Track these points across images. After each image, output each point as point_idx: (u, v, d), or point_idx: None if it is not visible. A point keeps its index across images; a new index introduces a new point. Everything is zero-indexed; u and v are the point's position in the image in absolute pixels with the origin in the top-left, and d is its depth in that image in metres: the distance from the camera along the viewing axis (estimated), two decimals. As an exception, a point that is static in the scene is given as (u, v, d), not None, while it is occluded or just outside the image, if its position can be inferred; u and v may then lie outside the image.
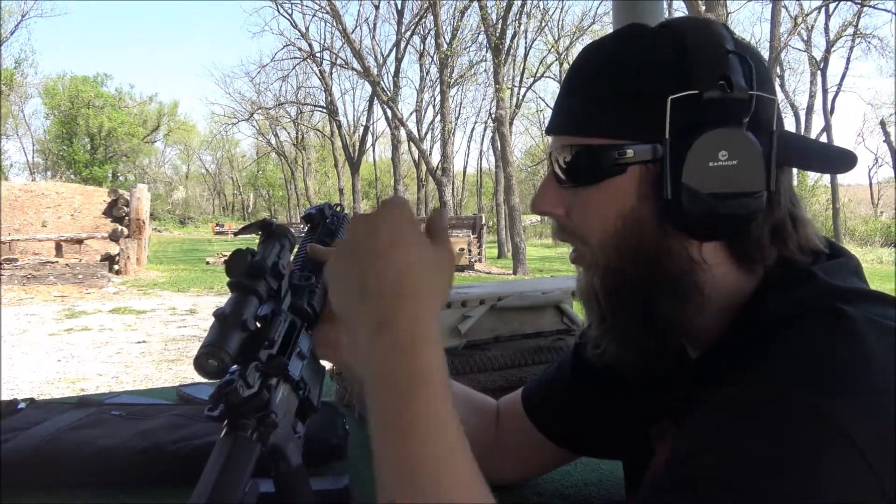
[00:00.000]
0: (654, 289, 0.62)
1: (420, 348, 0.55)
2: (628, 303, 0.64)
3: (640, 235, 0.62)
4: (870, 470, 0.47)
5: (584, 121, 0.64)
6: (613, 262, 0.64)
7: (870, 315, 0.54)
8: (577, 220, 0.66)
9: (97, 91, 43.10)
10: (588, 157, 0.63)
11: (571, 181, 0.65)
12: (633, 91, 0.62)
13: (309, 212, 0.82)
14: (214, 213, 61.47)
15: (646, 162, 0.61)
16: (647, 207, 0.62)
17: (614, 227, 0.63)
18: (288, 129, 40.42)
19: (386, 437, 0.51)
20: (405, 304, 0.55)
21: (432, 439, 0.51)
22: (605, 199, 0.63)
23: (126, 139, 42.76)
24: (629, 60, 0.63)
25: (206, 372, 0.57)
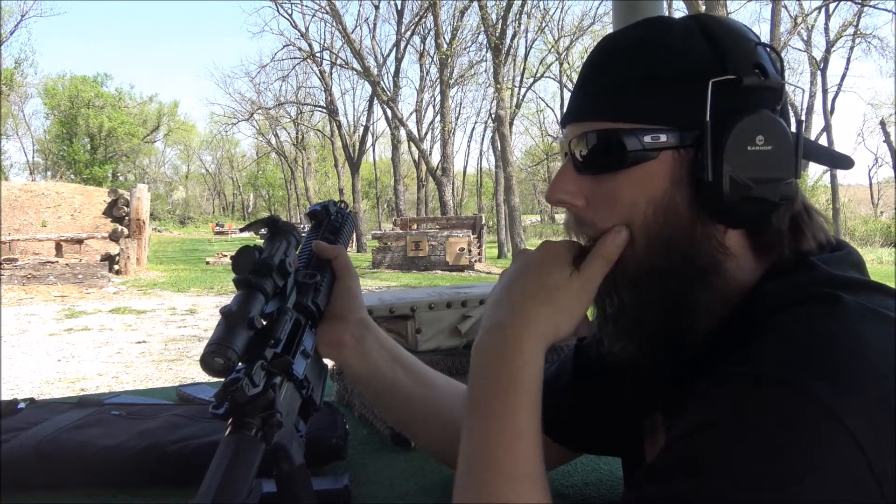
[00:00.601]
0: (682, 276, 0.61)
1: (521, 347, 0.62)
2: (654, 292, 0.62)
3: (673, 221, 0.61)
4: (863, 455, 0.47)
5: (613, 105, 0.62)
6: (641, 250, 0.61)
7: (868, 303, 0.54)
8: (601, 209, 0.63)
9: (97, 91, 43.09)
10: (617, 142, 0.61)
11: (596, 168, 0.63)
12: (666, 75, 0.61)
13: (313, 208, 0.82)
14: (214, 213, 61.48)
15: (679, 147, 0.60)
16: (680, 193, 0.61)
17: (644, 214, 0.61)
18: (288, 129, 40.41)
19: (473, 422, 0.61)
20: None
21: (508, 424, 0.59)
22: (634, 185, 0.61)
23: (126, 139, 42.75)
24: (661, 46, 0.62)
25: (212, 370, 0.57)
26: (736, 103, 0.60)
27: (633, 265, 0.62)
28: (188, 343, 7.68)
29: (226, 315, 0.60)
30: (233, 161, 58.45)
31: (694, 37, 0.62)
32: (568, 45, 27.28)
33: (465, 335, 1.27)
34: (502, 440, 0.59)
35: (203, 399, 1.31)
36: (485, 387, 0.62)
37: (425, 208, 35.06)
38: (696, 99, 0.60)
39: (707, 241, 0.61)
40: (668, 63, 0.61)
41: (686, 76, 0.61)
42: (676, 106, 0.61)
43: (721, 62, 0.61)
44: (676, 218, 0.61)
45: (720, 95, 0.60)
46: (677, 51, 0.62)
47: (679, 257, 0.61)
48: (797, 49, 30.16)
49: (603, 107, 0.63)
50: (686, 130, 0.60)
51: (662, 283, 0.61)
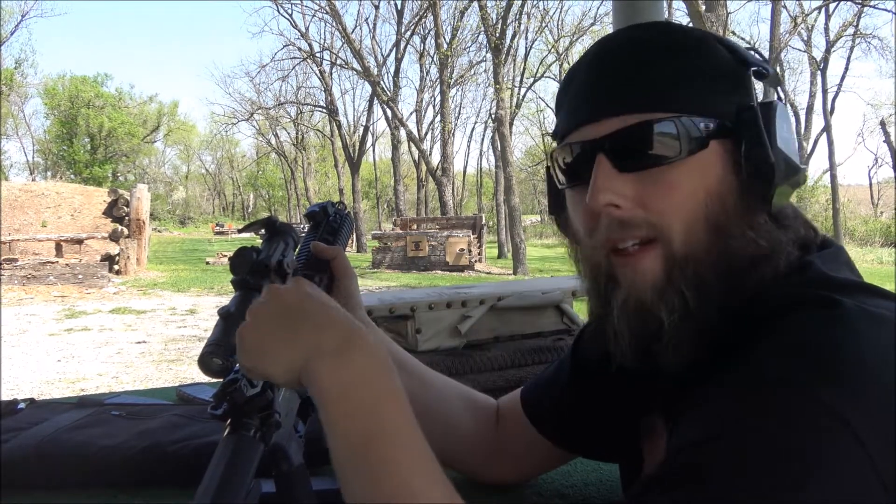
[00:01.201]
0: (742, 267, 0.60)
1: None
2: (717, 288, 0.59)
3: (730, 209, 0.60)
4: (868, 458, 0.47)
5: (659, 95, 0.61)
6: (701, 244, 0.59)
7: (866, 306, 0.54)
8: (656, 204, 0.60)
9: (97, 91, 43.08)
10: (672, 131, 0.60)
11: (651, 161, 0.60)
12: (706, 66, 0.62)
13: (312, 209, 0.82)
14: (214, 213, 61.45)
15: (724, 136, 0.61)
16: (733, 179, 0.61)
17: (704, 203, 0.60)
18: (288, 129, 40.40)
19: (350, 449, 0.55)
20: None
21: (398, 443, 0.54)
22: (693, 174, 0.60)
23: (126, 139, 42.75)
24: (689, 41, 0.64)
25: (210, 370, 0.57)
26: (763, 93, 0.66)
27: (695, 261, 0.59)
28: (188, 343, 7.67)
29: (224, 316, 0.60)
30: (233, 161, 58.44)
31: (710, 39, 0.65)
32: (568, 46, 27.27)
33: (465, 335, 1.27)
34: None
35: (203, 399, 1.31)
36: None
37: (425, 208, 35.05)
38: (732, 92, 0.62)
39: (757, 227, 0.61)
40: (706, 58, 0.63)
41: (721, 70, 0.63)
42: (717, 98, 0.62)
43: (742, 59, 0.64)
44: (732, 205, 0.60)
45: (752, 85, 0.64)
46: (709, 48, 0.64)
47: (740, 245, 0.60)
48: (797, 49, 30.18)
49: (647, 98, 0.61)
50: (726, 121, 0.62)
51: (726, 277, 0.59)
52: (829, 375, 0.49)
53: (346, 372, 0.56)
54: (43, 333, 8.37)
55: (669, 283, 0.60)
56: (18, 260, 13.13)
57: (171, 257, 20.91)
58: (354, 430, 0.55)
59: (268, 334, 0.58)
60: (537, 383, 0.90)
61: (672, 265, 0.60)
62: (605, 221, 0.62)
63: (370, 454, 0.54)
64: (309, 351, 0.57)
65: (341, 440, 0.55)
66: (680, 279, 0.60)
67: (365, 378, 0.57)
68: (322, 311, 0.60)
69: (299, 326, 0.58)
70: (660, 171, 0.60)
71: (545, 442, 0.87)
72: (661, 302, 0.60)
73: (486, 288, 1.36)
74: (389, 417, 0.55)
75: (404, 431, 0.55)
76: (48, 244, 14.81)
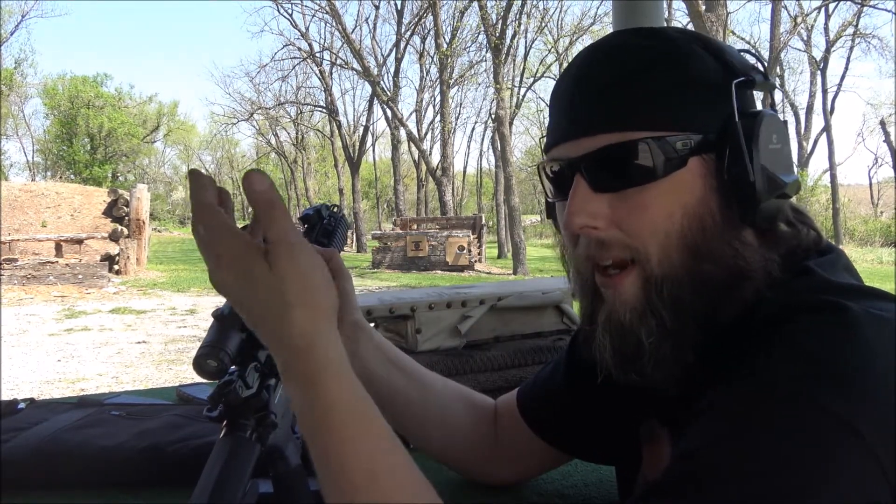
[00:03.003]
0: (724, 286, 0.59)
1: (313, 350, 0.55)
2: (695, 307, 0.59)
3: (709, 228, 0.59)
4: (878, 465, 0.46)
5: (636, 114, 0.59)
6: (678, 264, 0.59)
7: (871, 310, 0.54)
8: (631, 225, 0.59)
9: (97, 91, 43.06)
10: (650, 151, 0.58)
11: (624, 183, 0.59)
12: (686, 83, 0.60)
13: (306, 213, 0.82)
14: (214, 213, 61.32)
15: (706, 151, 0.59)
16: (713, 199, 0.59)
17: (680, 224, 0.58)
18: (288, 129, 40.39)
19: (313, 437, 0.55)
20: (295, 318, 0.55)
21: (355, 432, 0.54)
22: (668, 195, 0.59)
23: (126, 139, 42.72)
24: (674, 55, 0.61)
25: (205, 372, 0.57)
26: (749, 105, 0.62)
27: (671, 282, 0.59)
28: (188, 343, 7.67)
29: (218, 318, 0.60)
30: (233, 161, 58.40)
31: (696, 47, 0.62)
32: (568, 46, 27.26)
33: (465, 335, 1.27)
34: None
35: (203, 399, 1.31)
36: None
37: (425, 208, 35.04)
38: (717, 104, 0.60)
39: (739, 244, 0.60)
40: (687, 71, 0.61)
41: (703, 82, 0.60)
42: (699, 112, 0.60)
43: (729, 68, 0.61)
44: (712, 224, 0.59)
45: (738, 97, 0.60)
46: (691, 59, 0.61)
47: (717, 265, 0.59)
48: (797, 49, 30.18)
49: (624, 117, 0.60)
50: (709, 135, 0.60)
51: (703, 296, 0.59)
52: (836, 382, 0.49)
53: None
54: (43, 333, 8.37)
55: (647, 305, 0.60)
56: (18, 260, 13.13)
57: (171, 257, 20.90)
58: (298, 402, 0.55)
59: (238, 288, 0.55)
60: (533, 384, 0.90)
61: (649, 287, 0.60)
62: (583, 241, 0.63)
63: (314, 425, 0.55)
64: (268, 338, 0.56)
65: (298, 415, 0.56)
66: (657, 301, 0.59)
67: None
68: (288, 313, 0.55)
69: (266, 307, 0.55)
70: (636, 192, 0.59)
71: (542, 442, 0.87)
72: (640, 324, 0.60)
73: (486, 288, 1.36)
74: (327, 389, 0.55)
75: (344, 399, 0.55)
76: (48, 244, 14.81)
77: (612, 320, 0.62)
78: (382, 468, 0.54)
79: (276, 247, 0.55)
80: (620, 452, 0.78)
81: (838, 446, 0.47)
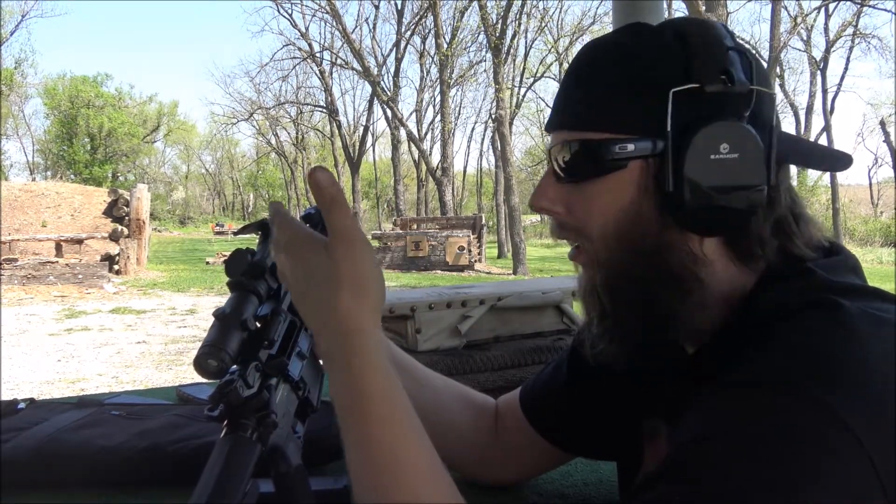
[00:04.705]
0: (655, 283, 0.62)
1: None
2: (629, 297, 0.64)
3: (641, 229, 0.62)
4: (870, 462, 0.47)
5: (585, 116, 0.64)
6: (615, 256, 0.63)
7: (868, 308, 0.54)
8: (578, 216, 0.65)
9: (97, 91, 43.09)
10: (589, 152, 0.63)
11: (572, 176, 0.65)
12: (633, 86, 0.62)
13: (308, 212, 0.82)
14: (214, 213, 61.45)
15: (646, 156, 0.61)
16: (648, 202, 0.62)
17: (615, 221, 0.63)
18: (288, 129, 40.41)
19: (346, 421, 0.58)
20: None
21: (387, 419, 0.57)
22: (606, 193, 0.63)
23: (126, 139, 42.75)
24: (629, 56, 0.63)
25: (205, 372, 0.57)
26: (700, 111, 0.60)
27: (607, 271, 0.65)
28: (188, 343, 7.68)
29: (219, 317, 0.60)
30: (233, 161, 58.43)
31: (664, 44, 0.62)
32: (568, 46, 27.26)
33: (465, 335, 1.27)
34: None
35: (203, 399, 1.31)
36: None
37: (425, 208, 35.04)
38: (662, 108, 0.60)
39: (677, 249, 0.62)
40: (636, 73, 0.62)
41: (653, 85, 0.61)
42: (644, 115, 0.61)
43: (687, 70, 0.60)
44: (645, 226, 0.62)
45: (683, 104, 0.59)
46: (646, 59, 0.62)
47: (649, 264, 0.62)
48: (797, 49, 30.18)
49: (579, 117, 0.65)
50: (654, 140, 0.60)
51: (637, 288, 0.63)
52: (830, 378, 0.49)
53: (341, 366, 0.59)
54: (43, 333, 8.37)
55: (592, 286, 0.67)
56: (18, 260, 13.13)
57: (171, 257, 20.90)
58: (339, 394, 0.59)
59: (303, 279, 0.61)
60: (535, 383, 0.90)
61: (593, 271, 0.66)
62: (551, 223, 0.70)
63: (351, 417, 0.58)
64: (316, 320, 0.61)
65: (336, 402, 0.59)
66: (599, 285, 0.66)
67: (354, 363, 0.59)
68: (337, 296, 0.59)
69: (320, 290, 0.60)
70: (584, 186, 0.65)
71: (544, 442, 0.87)
72: (589, 302, 0.68)
73: (486, 288, 1.36)
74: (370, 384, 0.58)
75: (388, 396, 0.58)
76: (48, 244, 14.81)
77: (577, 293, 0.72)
78: (407, 454, 0.56)
79: (334, 238, 0.60)
80: (622, 450, 0.78)
81: (830, 441, 0.47)
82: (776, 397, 0.50)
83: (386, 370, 0.58)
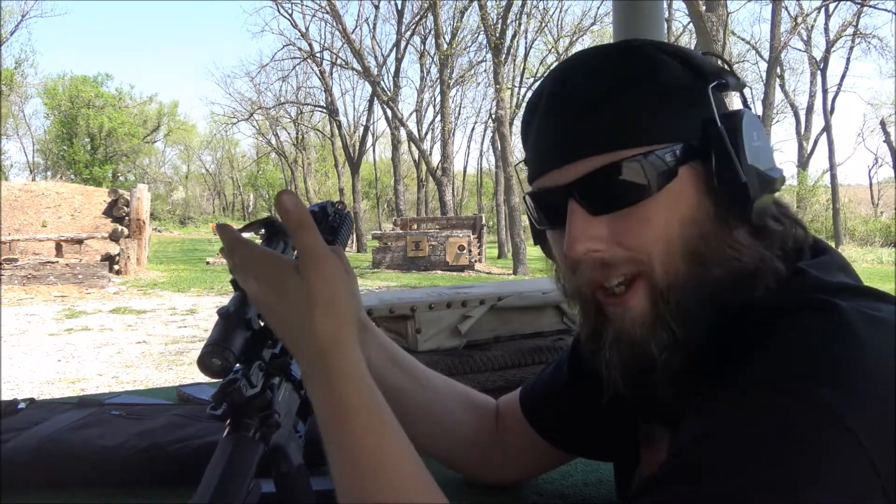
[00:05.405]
0: (725, 288, 0.59)
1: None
2: (702, 312, 0.59)
3: (707, 234, 0.59)
4: (869, 462, 0.47)
5: (620, 133, 0.60)
6: (682, 271, 0.59)
7: (863, 308, 0.54)
8: (633, 243, 0.60)
9: (97, 91, 43.04)
10: (641, 169, 0.59)
11: (620, 202, 0.59)
12: (662, 91, 0.61)
13: (311, 209, 0.82)
14: (214, 213, 61.40)
15: (693, 159, 0.60)
16: (705, 204, 0.60)
17: (680, 235, 0.59)
18: (288, 129, 40.39)
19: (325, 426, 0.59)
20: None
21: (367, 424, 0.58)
22: (665, 207, 0.59)
23: (126, 139, 42.71)
24: (642, 65, 0.62)
25: (209, 370, 0.57)
26: (723, 106, 0.62)
27: (677, 291, 0.59)
28: (188, 343, 7.67)
29: (223, 316, 0.60)
30: (233, 161, 58.39)
31: (663, 56, 0.63)
32: (568, 46, 27.26)
33: (465, 335, 1.27)
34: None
35: (203, 399, 1.31)
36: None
37: (425, 208, 35.03)
38: (694, 109, 0.61)
39: (741, 245, 0.60)
40: (661, 81, 0.61)
41: (678, 90, 0.61)
42: (678, 121, 0.61)
43: (698, 72, 0.62)
44: (709, 229, 0.60)
45: (715, 101, 0.61)
46: (662, 69, 0.62)
47: (720, 268, 0.59)
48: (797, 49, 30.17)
49: (609, 137, 0.60)
50: (692, 142, 0.60)
51: (710, 303, 0.59)
52: (829, 378, 0.49)
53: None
54: (43, 333, 8.37)
55: (657, 317, 0.60)
56: (18, 260, 13.13)
57: (171, 257, 20.90)
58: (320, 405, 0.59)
59: (270, 299, 0.61)
60: (536, 384, 0.90)
61: (657, 299, 0.60)
62: (585, 266, 0.62)
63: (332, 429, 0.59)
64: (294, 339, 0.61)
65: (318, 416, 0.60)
66: (665, 313, 0.60)
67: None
68: (310, 313, 0.60)
69: (293, 311, 0.60)
70: (633, 209, 0.60)
71: (544, 442, 0.87)
72: (652, 338, 0.60)
73: (486, 288, 1.36)
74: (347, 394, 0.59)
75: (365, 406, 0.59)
76: (48, 244, 14.81)
77: (621, 338, 0.62)
78: (389, 461, 0.57)
79: (304, 260, 0.61)
80: (621, 451, 0.78)
81: (830, 441, 0.47)
82: (775, 398, 0.50)
83: (365, 381, 0.59)
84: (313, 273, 0.60)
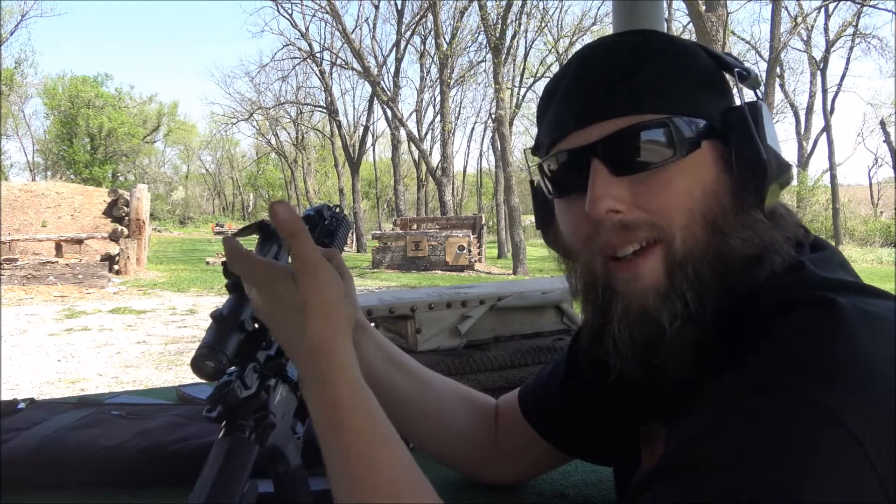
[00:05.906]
0: (740, 262, 0.60)
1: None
2: (715, 286, 0.60)
3: (724, 206, 0.61)
4: (868, 461, 0.47)
5: (649, 97, 0.61)
6: (701, 240, 0.60)
7: (862, 305, 0.54)
8: (654, 206, 0.60)
9: (97, 91, 43.05)
10: (668, 132, 0.60)
11: (645, 164, 0.60)
12: (689, 69, 0.63)
13: (307, 213, 0.82)
14: (214, 213, 61.42)
15: (713, 137, 0.62)
16: (728, 180, 0.61)
17: (702, 202, 0.60)
18: (288, 129, 40.40)
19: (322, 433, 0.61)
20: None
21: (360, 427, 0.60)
22: (688, 174, 0.60)
23: (126, 139, 42.73)
24: (673, 44, 0.65)
25: (203, 373, 0.58)
26: (742, 97, 0.65)
27: (694, 261, 0.59)
28: (188, 343, 7.67)
29: (216, 319, 0.60)
30: (233, 161, 58.42)
31: (692, 45, 0.66)
32: (568, 46, 27.26)
33: (465, 335, 1.27)
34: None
35: (203, 399, 1.31)
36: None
37: (425, 208, 35.05)
38: (716, 94, 0.64)
39: (755, 227, 0.61)
40: (689, 61, 0.64)
41: (703, 73, 0.64)
42: (703, 100, 0.63)
43: (721, 62, 0.66)
44: (727, 204, 0.61)
45: (733, 92, 0.65)
46: (689, 51, 0.65)
47: (739, 241, 0.60)
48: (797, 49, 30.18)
49: (637, 100, 0.61)
50: (714, 123, 0.63)
51: (723, 277, 0.60)
52: (828, 378, 0.49)
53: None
54: (43, 333, 8.37)
55: (671, 286, 0.60)
56: (18, 260, 13.13)
57: (171, 257, 20.91)
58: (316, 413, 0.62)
59: (274, 308, 0.63)
60: (535, 384, 0.90)
61: (673, 266, 0.60)
62: (606, 226, 0.61)
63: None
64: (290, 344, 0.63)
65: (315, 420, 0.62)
66: (681, 280, 0.59)
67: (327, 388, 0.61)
68: (304, 318, 0.62)
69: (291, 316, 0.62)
70: (655, 173, 0.60)
71: (544, 442, 0.87)
72: (664, 306, 0.60)
73: (486, 288, 1.36)
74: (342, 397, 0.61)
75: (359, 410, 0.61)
76: (48, 244, 14.81)
77: (632, 308, 0.61)
78: (382, 462, 0.58)
79: (299, 268, 0.63)
80: (621, 453, 0.78)
81: (826, 438, 0.47)
82: (774, 398, 0.50)
83: (359, 385, 0.62)
84: (306, 280, 0.62)
